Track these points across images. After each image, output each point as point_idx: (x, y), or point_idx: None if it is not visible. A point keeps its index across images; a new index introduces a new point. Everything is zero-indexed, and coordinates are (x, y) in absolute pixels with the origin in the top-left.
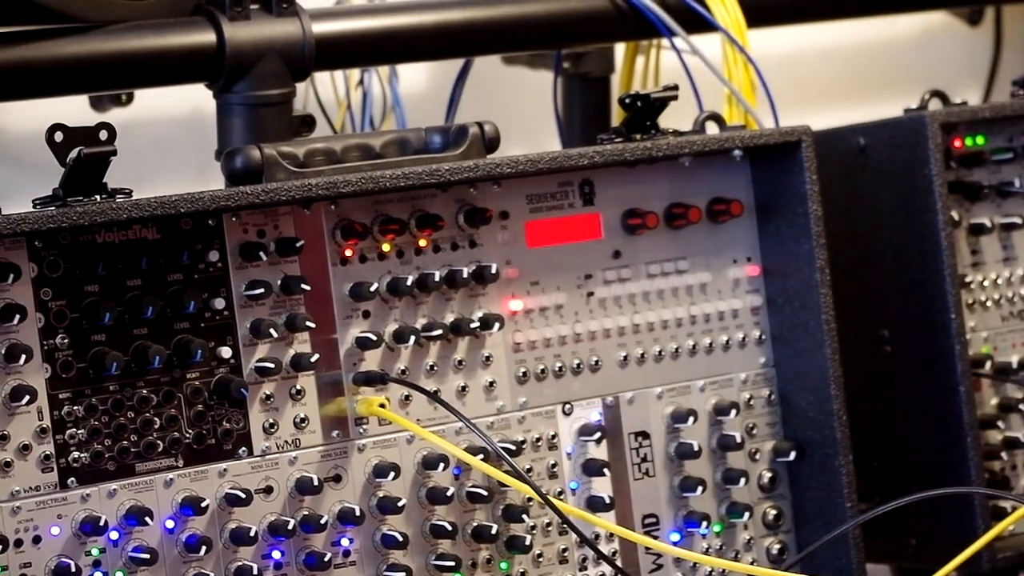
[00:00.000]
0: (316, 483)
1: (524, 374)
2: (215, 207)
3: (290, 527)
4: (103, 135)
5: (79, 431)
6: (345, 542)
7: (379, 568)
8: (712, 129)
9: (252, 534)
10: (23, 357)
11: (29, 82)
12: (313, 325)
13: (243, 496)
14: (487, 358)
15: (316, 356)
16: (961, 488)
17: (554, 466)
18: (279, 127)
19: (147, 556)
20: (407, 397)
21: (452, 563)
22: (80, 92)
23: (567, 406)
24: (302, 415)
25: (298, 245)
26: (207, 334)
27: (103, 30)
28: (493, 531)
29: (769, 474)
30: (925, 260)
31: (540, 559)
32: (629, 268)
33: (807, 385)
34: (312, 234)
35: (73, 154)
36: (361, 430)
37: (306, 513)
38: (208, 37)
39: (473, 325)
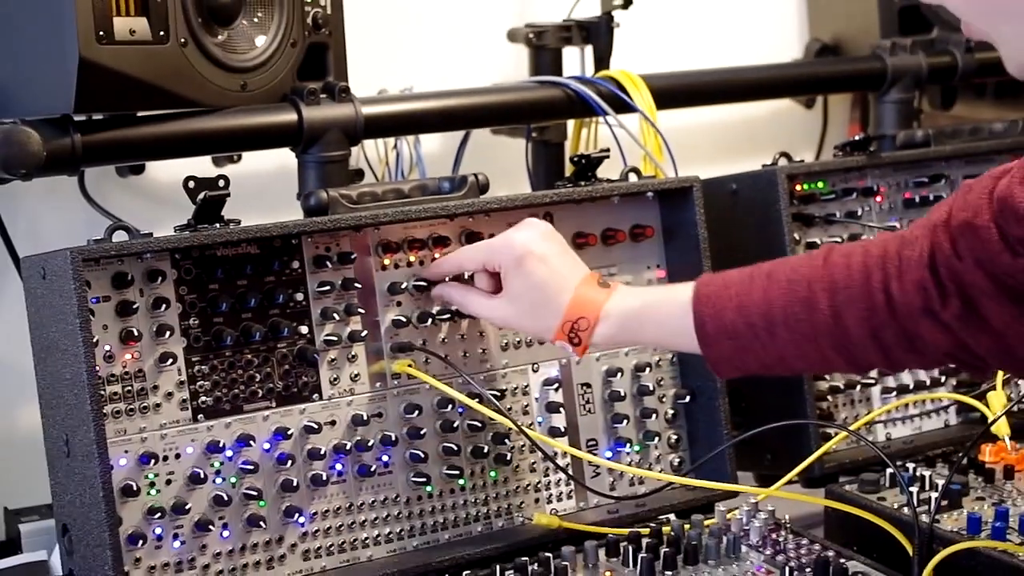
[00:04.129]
0: (365, 418)
1: (506, 344)
2: (297, 232)
3: (348, 448)
4: (221, 183)
5: (205, 383)
6: (385, 458)
7: (408, 475)
8: (633, 177)
9: (322, 453)
10: (168, 333)
11: (173, 148)
12: (363, 311)
13: (316, 427)
14: (481, 333)
15: (365, 332)
16: (800, 420)
17: (526, 406)
18: (340, 177)
19: (252, 467)
20: (427, 360)
21: (457, 471)
22: (206, 154)
23: (535, 366)
24: (356, 372)
25: (352, 257)
26: (291, 317)
27: (222, 112)
28: (485, 450)
29: (672, 411)
30: None
31: (517, 469)
32: None
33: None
34: (362, 250)
35: (200, 196)
36: (396, 382)
37: (359, 439)
38: (292, 117)
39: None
